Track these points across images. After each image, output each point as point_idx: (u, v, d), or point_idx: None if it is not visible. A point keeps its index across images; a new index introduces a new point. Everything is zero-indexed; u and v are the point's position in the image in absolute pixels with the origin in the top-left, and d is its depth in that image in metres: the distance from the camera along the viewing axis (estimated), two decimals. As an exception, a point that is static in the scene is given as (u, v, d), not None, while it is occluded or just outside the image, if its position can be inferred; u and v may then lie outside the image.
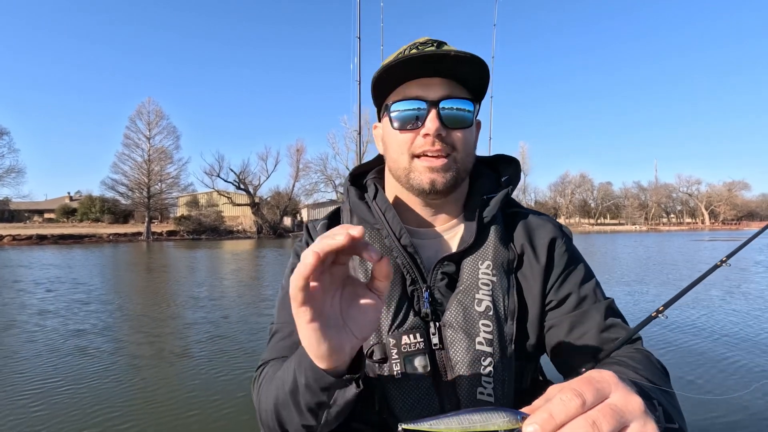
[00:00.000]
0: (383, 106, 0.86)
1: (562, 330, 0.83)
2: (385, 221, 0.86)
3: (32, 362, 4.40)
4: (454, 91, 0.81)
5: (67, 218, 50.26)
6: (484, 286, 0.81)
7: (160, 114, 43.28)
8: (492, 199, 0.88)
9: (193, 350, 4.82)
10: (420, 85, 0.80)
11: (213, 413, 3.22)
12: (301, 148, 51.47)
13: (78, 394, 3.56)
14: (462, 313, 0.79)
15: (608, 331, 0.81)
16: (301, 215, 56.98)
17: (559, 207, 75.59)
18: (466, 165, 0.85)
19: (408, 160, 0.82)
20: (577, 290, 0.85)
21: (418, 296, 0.82)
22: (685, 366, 4.17)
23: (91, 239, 34.78)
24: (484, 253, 0.84)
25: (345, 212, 0.95)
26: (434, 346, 0.80)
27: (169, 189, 43.88)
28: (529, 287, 0.85)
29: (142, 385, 3.77)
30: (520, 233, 0.88)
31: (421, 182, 0.81)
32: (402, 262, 0.83)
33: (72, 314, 6.70)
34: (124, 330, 5.70)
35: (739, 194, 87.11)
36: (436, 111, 0.79)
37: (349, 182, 0.97)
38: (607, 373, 0.41)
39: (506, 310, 0.81)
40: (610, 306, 0.85)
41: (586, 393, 0.38)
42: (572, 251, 0.90)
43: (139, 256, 20.10)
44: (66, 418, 3.14)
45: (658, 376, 0.70)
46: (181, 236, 41.02)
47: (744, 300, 7.36)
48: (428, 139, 0.79)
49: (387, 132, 0.86)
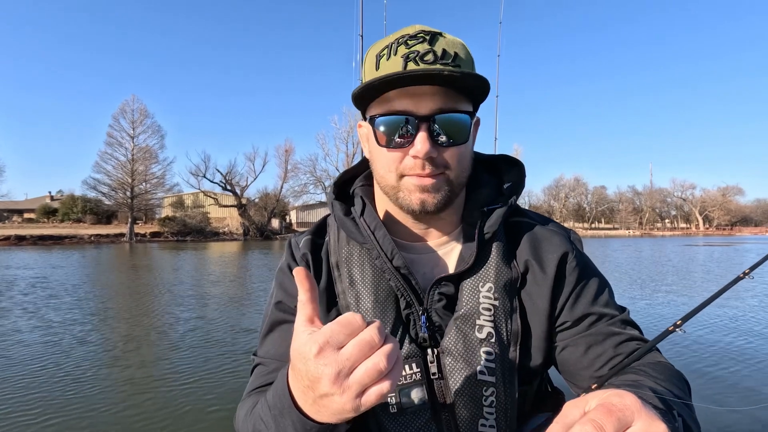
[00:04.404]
0: (367, 118, 0.77)
1: (578, 350, 0.78)
2: (375, 241, 0.79)
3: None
4: (449, 102, 0.71)
5: (48, 218, 49.13)
6: (486, 312, 0.76)
7: (144, 112, 42.64)
8: (493, 211, 0.81)
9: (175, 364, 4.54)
10: (409, 95, 0.70)
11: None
12: (290, 148, 51.02)
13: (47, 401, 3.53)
14: (462, 340, 0.75)
15: (625, 345, 0.77)
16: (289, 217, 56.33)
17: (552, 211, 75.13)
18: (460, 180, 0.77)
19: (396, 179, 0.75)
20: (591, 308, 0.80)
21: (414, 320, 0.77)
22: (703, 377, 4.10)
23: (71, 240, 34.56)
24: (485, 274, 0.78)
25: (332, 227, 0.87)
26: (432, 376, 0.75)
27: (153, 189, 43.43)
28: (534, 307, 0.79)
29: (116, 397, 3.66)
30: (524, 248, 0.81)
31: (410, 203, 0.75)
32: (395, 284, 0.78)
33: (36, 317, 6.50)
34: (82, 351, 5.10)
35: (733, 199, 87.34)
36: (427, 129, 0.70)
37: (333, 196, 0.88)
38: (629, 397, 0.39)
39: (509, 335, 0.76)
40: (625, 319, 0.80)
41: (606, 425, 0.36)
42: (584, 265, 0.83)
43: (119, 258, 19.90)
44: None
45: (679, 387, 0.67)
46: (166, 238, 40.50)
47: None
48: (418, 161, 0.72)
49: (372, 146, 0.78)
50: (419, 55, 0.69)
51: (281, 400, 0.59)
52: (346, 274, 0.80)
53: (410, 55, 0.70)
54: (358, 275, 0.80)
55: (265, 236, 45.05)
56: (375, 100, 0.74)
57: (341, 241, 0.84)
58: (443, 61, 0.69)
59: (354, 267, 0.80)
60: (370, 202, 0.85)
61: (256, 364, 0.83)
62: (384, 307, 0.77)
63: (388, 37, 0.76)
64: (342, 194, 0.90)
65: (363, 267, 0.80)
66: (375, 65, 0.74)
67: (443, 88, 0.71)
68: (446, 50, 0.70)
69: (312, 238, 0.87)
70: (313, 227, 0.91)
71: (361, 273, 0.80)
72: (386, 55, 0.72)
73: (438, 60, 0.69)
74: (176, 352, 4.98)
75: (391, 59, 0.71)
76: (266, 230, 46.51)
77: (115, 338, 5.59)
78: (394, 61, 0.71)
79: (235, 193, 46.91)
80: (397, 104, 0.71)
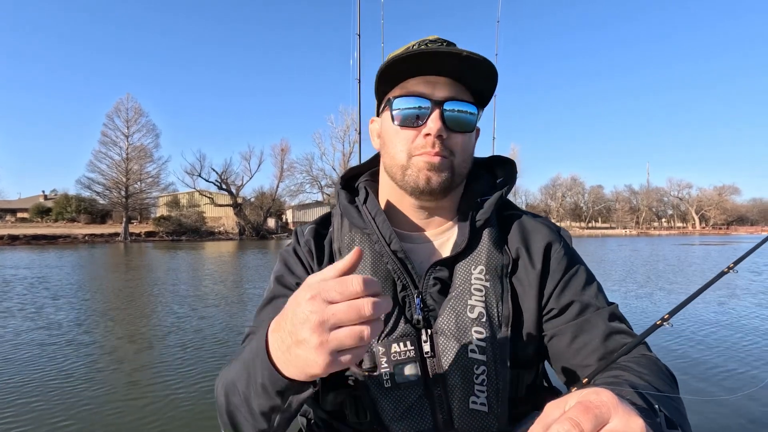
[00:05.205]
0: (385, 100, 0.85)
1: (565, 339, 0.80)
2: (375, 226, 0.84)
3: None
4: (459, 93, 0.80)
5: (42, 218, 48.72)
6: (477, 292, 0.80)
7: (139, 111, 42.47)
8: (486, 201, 0.87)
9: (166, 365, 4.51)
10: (425, 82, 0.80)
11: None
12: (286, 147, 51.00)
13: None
14: (454, 319, 0.78)
15: (612, 338, 0.79)
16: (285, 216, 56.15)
17: (549, 210, 75.19)
18: (462, 170, 0.84)
19: (406, 158, 0.81)
20: (578, 297, 0.82)
21: (409, 302, 0.81)
22: (692, 369, 4.26)
23: (65, 240, 34.49)
24: (477, 257, 0.82)
25: (336, 216, 0.93)
26: (425, 354, 0.78)
27: (148, 188, 43.36)
28: (524, 293, 0.83)
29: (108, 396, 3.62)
30: (515, 236, 0.86)
31: (417, 179, 0.80)
32: (393, 267, 0.82)
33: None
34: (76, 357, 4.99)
35: (729, 199, 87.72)
36: (440, 111, 0.78)
37: (340, 185, 0.94)
38: (606, 393, 0.40)
39: (500, 317, 0.79)
40: (613, 312, 0.82)
41: (583, 422, 0.37)
42: (571, 255, 0.86)
43: (113, 257, 19.94)
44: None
45: (664, 381, 0.69)
46: (161, 237, 40.40)
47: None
48: (429, 139, 0.78)
49: (386, 127, 0.85)
50: (437, 46, 0.78)
51: (257, 346, 0.60)
52: None
53: (430, 45, 0.79)
54: None
55: (261, 236, 45.02)
56: (395, 86, 0.82)
57: (344, 229, 0.88)
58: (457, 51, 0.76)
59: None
60: (374, 193, 0.90)
61: (248, 333, 0.84)
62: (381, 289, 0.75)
63: (406, 45, 0.84)
64: (347, 188, 0.95)
65: (362, 251, 0.76)
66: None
67: (456, 82, 0.79)
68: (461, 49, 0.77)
69: (316, 227, 0.93)
70: (318, 219, 0.96)
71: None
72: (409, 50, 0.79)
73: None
74: (173, 353, 4.95)
75: (411, 50, 0.78)
76: (262, 230, 46.51)
77: (108, 340, 5.55)
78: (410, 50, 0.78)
79: (230, 192, 46.84)
80: (413, 89, 0.79)
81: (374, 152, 0.98)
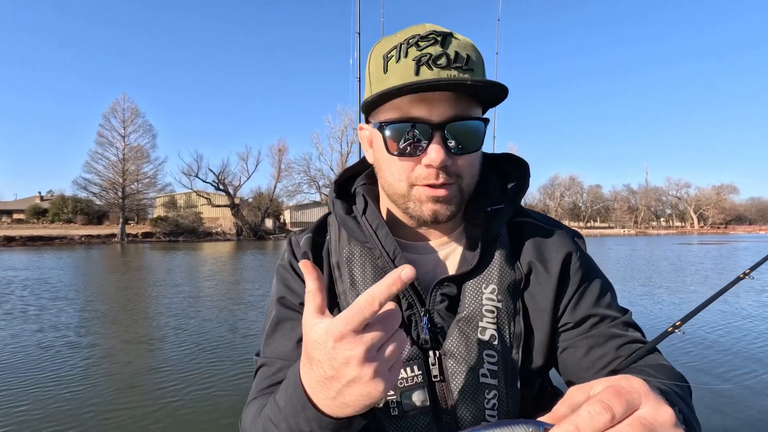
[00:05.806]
0: (376, 124, 0.73)
1: (579, 352, 0.78)
2: (378, 240, 0.78)
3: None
4: (463, 108, 0.69)
5: (38, 219, 48.52)
6: (489, 314, 0.75)
7: (135, 111, 42.31)
8: (497, 212, 0.80)
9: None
10: (421, 100, 0.67)
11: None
12: (283, 147, 50.81)
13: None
14: (464, 342, 0.74)
15: (627, 347, 0.77)
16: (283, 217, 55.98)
17: (548, 210, 75.09)
18: (470, 188, 0.76)
19: (406, 187, 0.72)
20: (593, 310, 0.79)
21: (416, 321, 0.76)
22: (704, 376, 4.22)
23: (62, 241, 34.31)
24: (489, 275, 0.77)
25: (333, 226, 0.86)
26: (434, 378, 0.75)
27: (145, 189, 43.11)
28: (536, 308, 0.79)
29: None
30: (528, 249, 0.80)
31: (421, 213, 0.73)
32: None
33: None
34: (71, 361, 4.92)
35: (727, 198, 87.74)
36: (441, 136, 0.68)
37: (334, 194, 0.87)
38: (637, 381, 0.39)
39: (512, 338, 0.76)
40: (627, 321, 0.80)
41: (615, 406, 0.36)
42: (587, 265, 0.82)
43: (110, 258, 19.86)
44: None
45: (680, 388, 0.68)
46: (158, 238, 40.20)
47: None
48: (431, 171, 0.69)
49: (380, 153, 0.74)
50: (431, 58, 0.66)
51: (294, 399, 0.57)
52: (347, 275, 0.79)
53: (422, 58, 0.66)
54: (359, 276, 0.78)
55: (258, 236, 44.80)
56: (385, 104, 0.70)
57: (342, 241, 0.82)
58: (456, 65, 0.67)
59: (355, 267, 0.79)
60: (372, 200, 0.82)
61: (260, 366, 0.80)
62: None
63: (395, 36, 0.71)
64: (343, 193, 0.88)
65: (364, 267, 0.79)
66: (383, 67, 0.70)
67: (457, 95, 0.68)
68: (459, 53, 0.67)
69: (312, 236, 0.86)
70: (313, 225, 0.89)
71: (362, 273, 0.78)
72: (395, 56, 0.69)
73: (451, 64, 0.67)
74: (171, 354, 4.90)
75: (401, 62, 0.68)
76: (260, 230, 46.27)
77: (105, 342, 5.48)
78: (405, 64, 0.67)
79: (227, 192, 46.63)
80: (408, 110, 0.68)
81: None
